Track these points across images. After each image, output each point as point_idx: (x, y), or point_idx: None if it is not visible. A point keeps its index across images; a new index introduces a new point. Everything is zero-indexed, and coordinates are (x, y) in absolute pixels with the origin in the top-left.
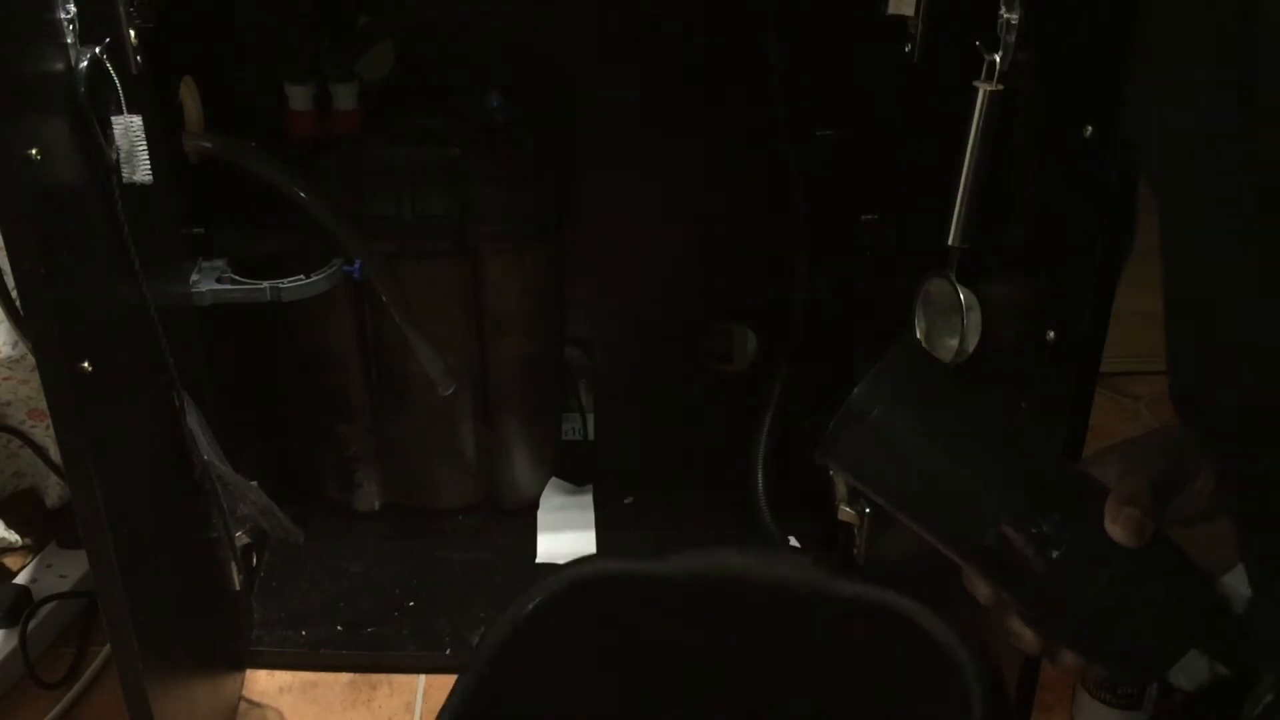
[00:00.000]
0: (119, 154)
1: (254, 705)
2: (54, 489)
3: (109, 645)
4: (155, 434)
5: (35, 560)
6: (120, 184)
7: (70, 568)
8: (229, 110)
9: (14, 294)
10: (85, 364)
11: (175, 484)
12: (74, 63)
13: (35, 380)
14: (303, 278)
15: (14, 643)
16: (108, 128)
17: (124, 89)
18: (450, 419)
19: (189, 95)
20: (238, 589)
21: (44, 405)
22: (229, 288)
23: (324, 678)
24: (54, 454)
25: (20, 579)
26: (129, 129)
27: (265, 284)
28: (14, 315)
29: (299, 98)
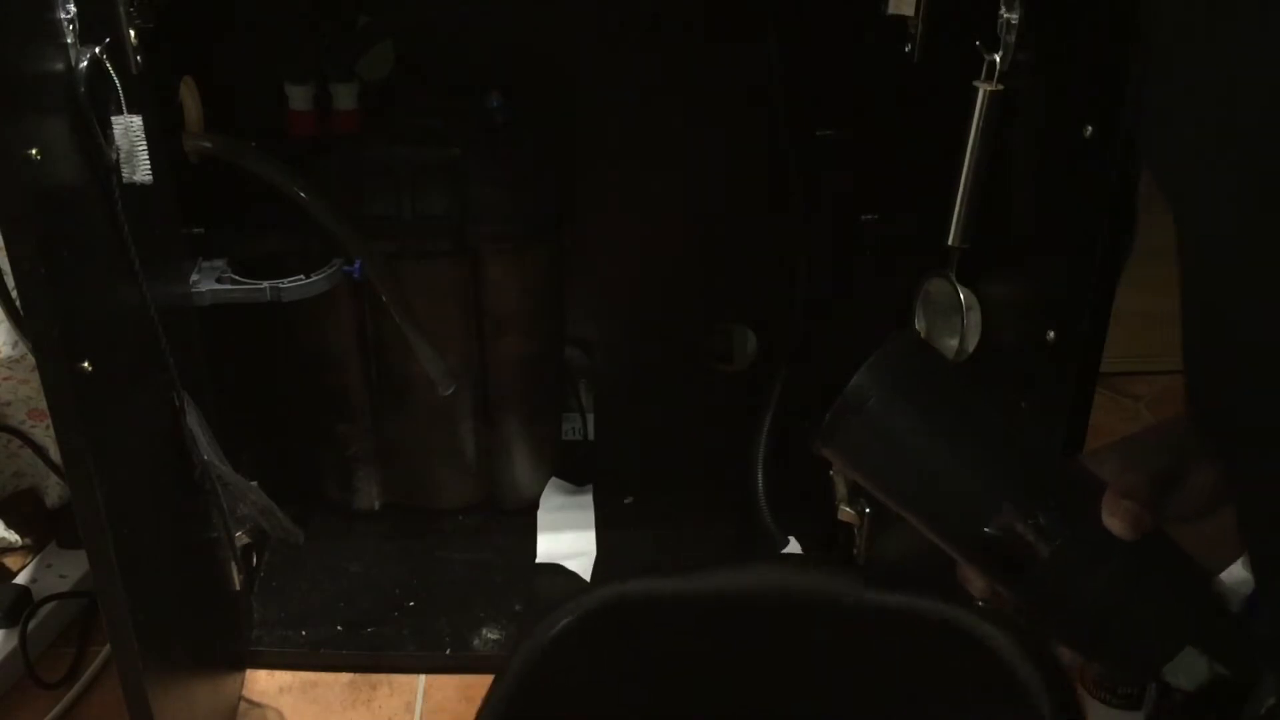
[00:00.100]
0: (119, 154)
1: (254, 705)
2: (54, 489)
3: (109, 645)
4: (155, 434)
5: (35, 560)
6: (120, 184)
7: (70, 568)
8: (229, 110)
9: (14, 294)
10: (85, 364)
11: (175, 484)
12: (74, 63)
13: (35, 380)
14: (303, 278)
15: (14, 643)
16: (108, 128)
17: (124, 89)
18: (450, 419)
19: (189, 95)
20: (238, 589)
21: (44, 405)
22: (229, 288)
23: (324, 678)
24: (54, 454)
25: (20, 579)
26: (129, 129)
27: (265, 284)
28: (14, 315)
29: (299, 98)
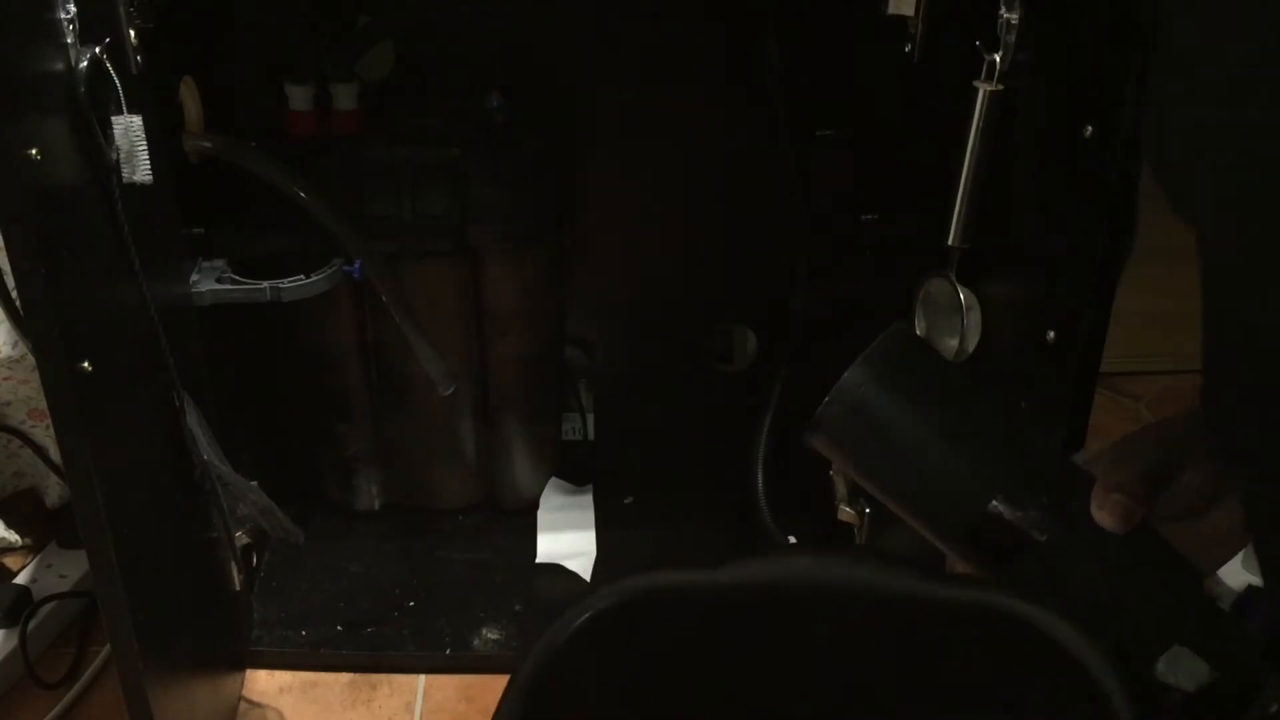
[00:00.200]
0: (119, 154)
1: (254, 705)
2: (54, 489)
3: (109, 645)
4: (155, 434)
5: (35, 560)
6: (120, 184)
7: (70, 568)
8: (229, 110)
9: (14, 294)
10: (85, 364)
11: (175, 484)
12: (74, 63)
13: (35, 380)
14: (303, 278)
15: (14, 643)
16: (108, 128)
17: (124, 89)
18: (450, 419)
19: (189, 95)
20: (238, 589)
21: (44, 405)
22: (229, 288)
23: (324, 678)
24: (54, 454)
25: (20, 579)
26: (129, 129)
27: (265, 284)
28: (14, 315)
29: (299, 98)
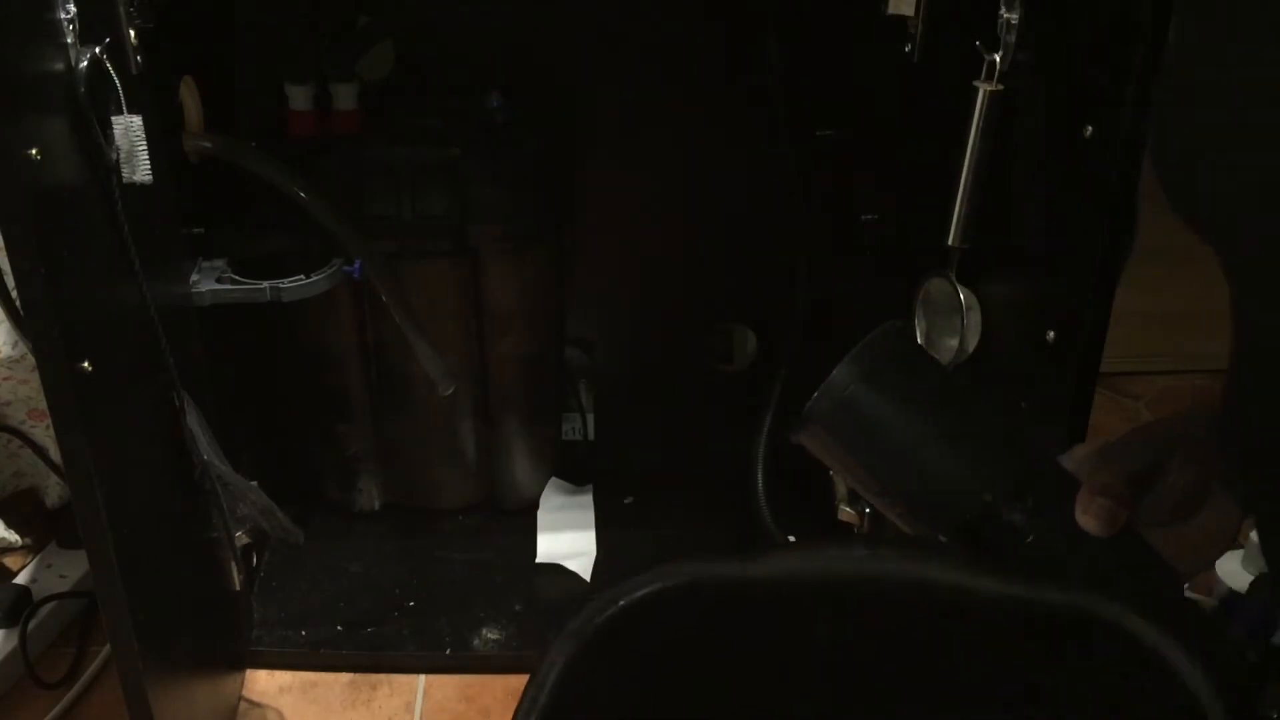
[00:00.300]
0: (119, 154)
1: (254, 705)
2: (54, 489)
3: (109, 645)
4: (155, 434)
5: (35, 560)
6: (120, 184)
7: (70, 568)
8: (229, 110)
9: (14, 294)
10: (85, 364)
11: (175, 484)
12: (74, 63)
13: (35, 380)
14: (303, 278)
15: (14, 643)
16: (108, 128)
17: (124, 89)
18: (450, 419)
19: (189, 95)
20: (238, 589)
21: (44, 405)
22: (229, 288)
23: (324, 678)
24: (54, 454)
25: (20, 579)
26: (129, 129)
27: (265, 284)
28: (14, 315)
29: (299, 98)
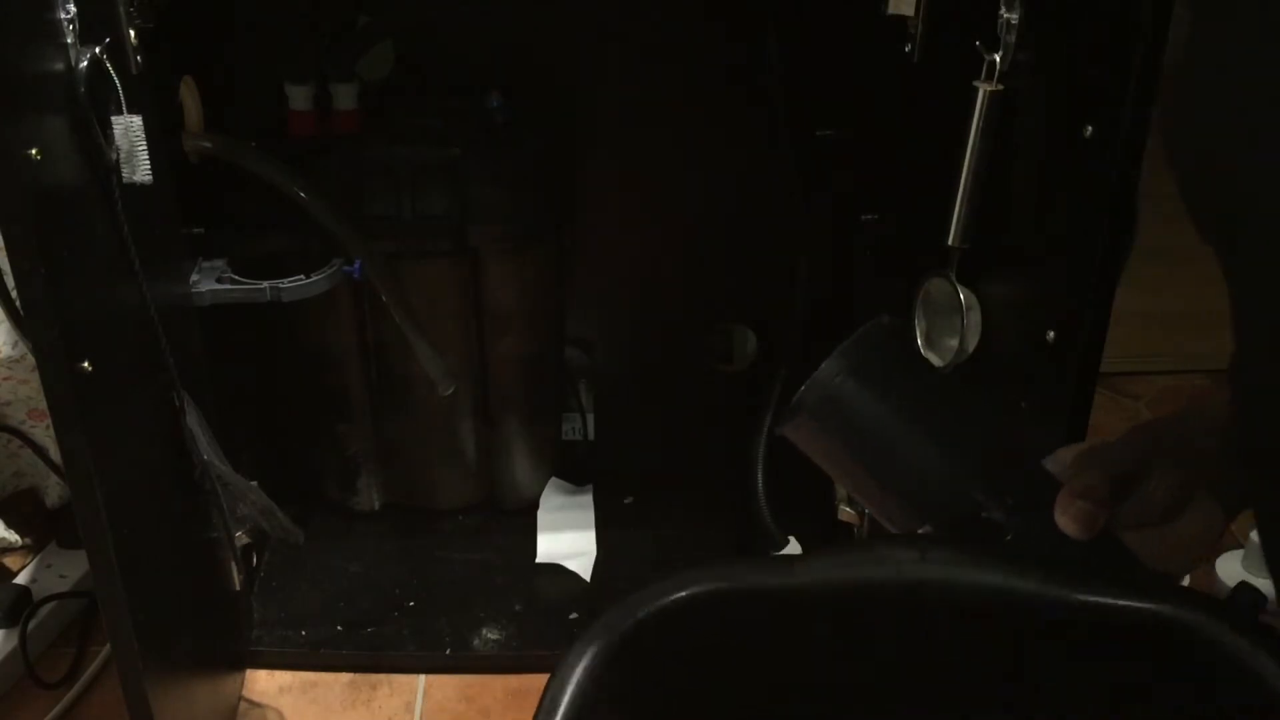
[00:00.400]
0: (119, 154)
1: (254, 705)
2: (54, 489)
3: (109, 645)
4: (155, 434)
5: (35, 560)
6: (120, 184)
7: (70, 568)
8: (229, 110)
9: (14, 294)
10: (85, 364)
11: (175, 484)
12: (74, 63)
13: (35, 380)
14: (303, 278)
15: (14, 643)
16: (108, 128)
17: (124, 89)
18: (450, 419)
19: (189, 95)
20: (238, 589)
21: (44, 405)
22: (229, 288)
23: (324, 678)
24: (54, 454)
25: (20, 579)
26: (129, 129)
27: (265, 284)
28: (14, 315)
29: (299, 98)
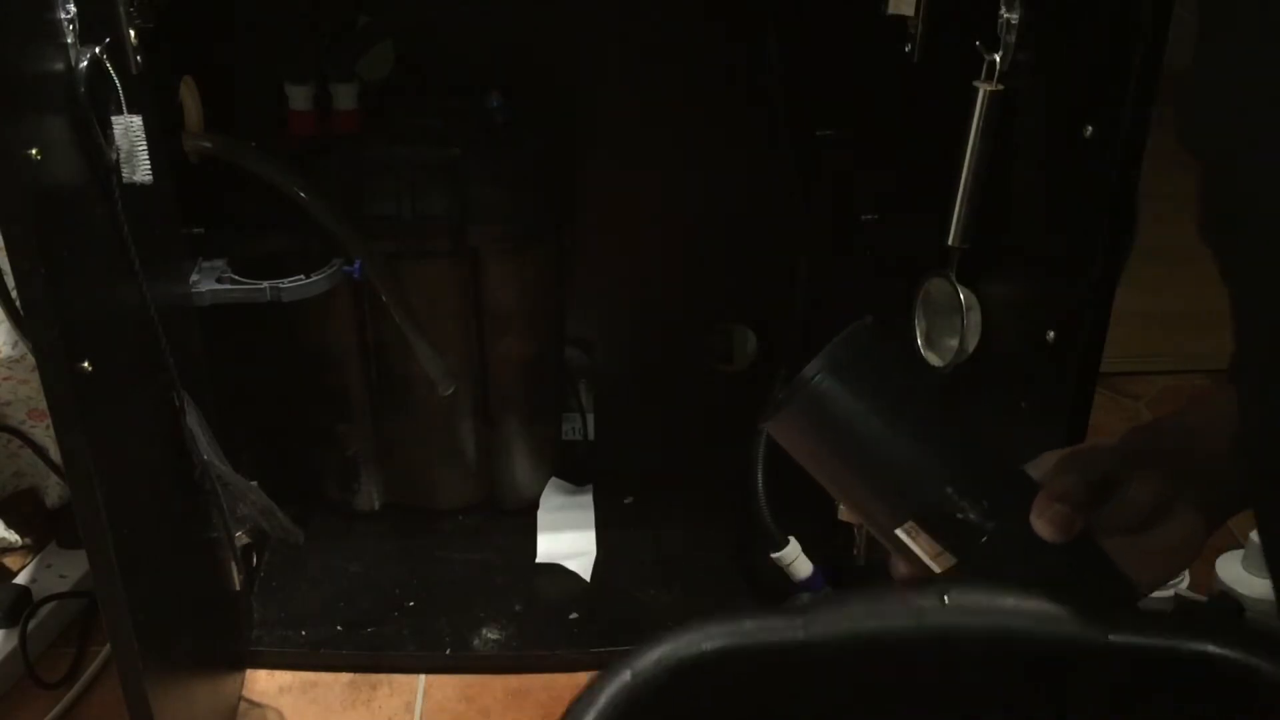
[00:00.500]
0: (119, 154)
1: (254, 705)
2: (54, 489)
3: (109, 645)
4: (155, 434)
5: (35, 560)
6: (120, 184)
7: (70, 568)
8: (229, 110)
9: (14, 294)
10: (85, 364)
11: (175, 484)
12: (74, 63)
13: (35, 380)
14: (303, 278)
15: (14, 643)
16: (108, 128)
17: (124, 89)
18: (450, 419)
19: (189, 95)
20: (238, 589)
21: (44, 405)
22: (229, 288)
23: (324, 678)
24: (54, 454)
25: (20, 579)
26: (129, 129)
27: (265, 284)
28: (14, 315)
29: (299, 98)
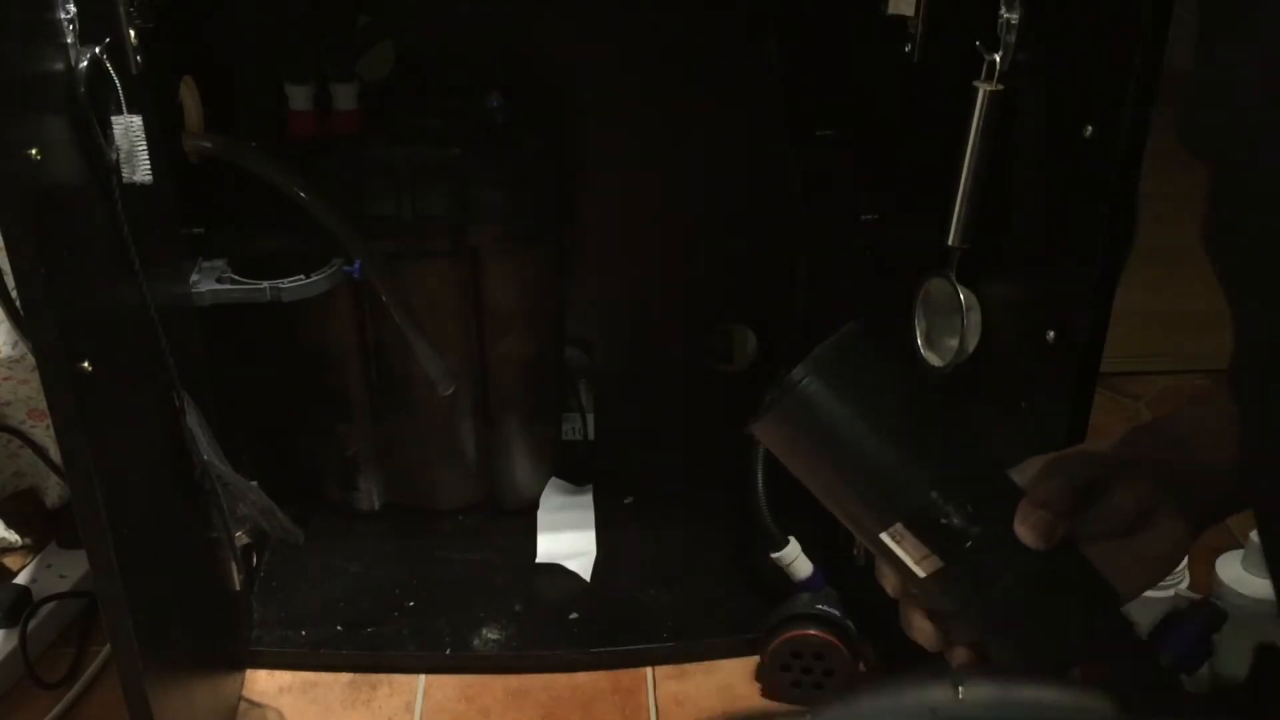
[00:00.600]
0: (119, 154)
1: (254, 705)
2: (54, 489)
3: (109, 645)
4: (155, 434)
5: (35, 560)
6: (120, 184)
7: (70, 568)
8: (229, 110)
9: (14, 294)
10: (85, 364)
11: (175, 484)
12: (74, 63)
13: (35, 380)
14: (303, 278)
15: (14, 643)
16: (108, 128)
17: (124, 89)
18: (450, 419)
19: (189, 95)
20: (238, 589)
21: (44, 405)
22: (229, 288)
23: (324, 678)
24: (54, 454)
25: (20, 579)
26: (129, 129)
27: (265, 284)
28: (14, 315)
29: (299, 98)
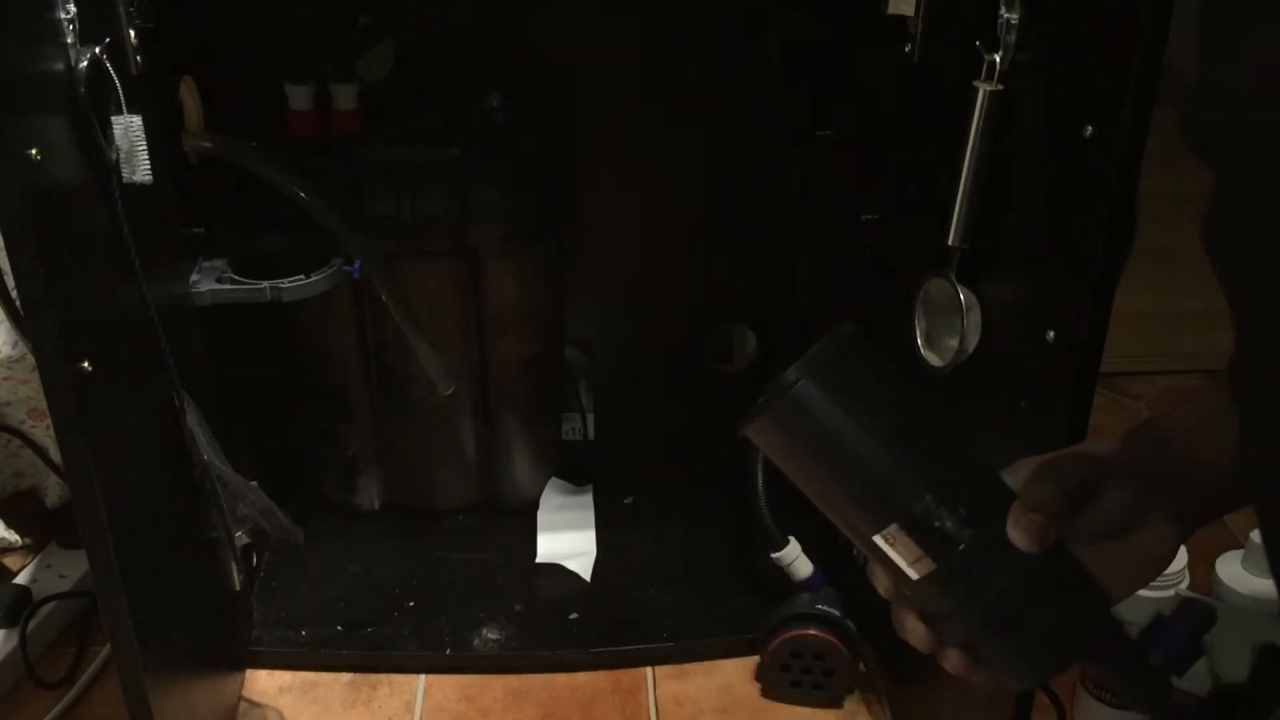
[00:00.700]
0: (119, 154)
1: (254, 705)
2: (54, 489)
3: (109, 645)
4: (155, 434)
5: (35, 560)
6: (120, 184)
7: (70, 568)
8: (229, 110)
9: (14, 294)
10: (85, 364)
11: (175, 484)
12: (74, 63)
13: (35, 380)
14: (303, 278)
15: (14, 643)
16: (108, 128)
17: (124, 89)
18: (450, 419)
19: (189, 95)
20: (238, 589)
21: (44, 405)
22: (229, 288)
23: (324, 678)
24: (54, 454)
25: (20, 579)
26: (129, 129)
27: (265, 284)
28: (14, 315)
29: (299, 98)
